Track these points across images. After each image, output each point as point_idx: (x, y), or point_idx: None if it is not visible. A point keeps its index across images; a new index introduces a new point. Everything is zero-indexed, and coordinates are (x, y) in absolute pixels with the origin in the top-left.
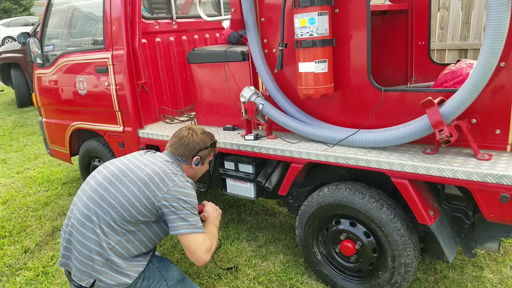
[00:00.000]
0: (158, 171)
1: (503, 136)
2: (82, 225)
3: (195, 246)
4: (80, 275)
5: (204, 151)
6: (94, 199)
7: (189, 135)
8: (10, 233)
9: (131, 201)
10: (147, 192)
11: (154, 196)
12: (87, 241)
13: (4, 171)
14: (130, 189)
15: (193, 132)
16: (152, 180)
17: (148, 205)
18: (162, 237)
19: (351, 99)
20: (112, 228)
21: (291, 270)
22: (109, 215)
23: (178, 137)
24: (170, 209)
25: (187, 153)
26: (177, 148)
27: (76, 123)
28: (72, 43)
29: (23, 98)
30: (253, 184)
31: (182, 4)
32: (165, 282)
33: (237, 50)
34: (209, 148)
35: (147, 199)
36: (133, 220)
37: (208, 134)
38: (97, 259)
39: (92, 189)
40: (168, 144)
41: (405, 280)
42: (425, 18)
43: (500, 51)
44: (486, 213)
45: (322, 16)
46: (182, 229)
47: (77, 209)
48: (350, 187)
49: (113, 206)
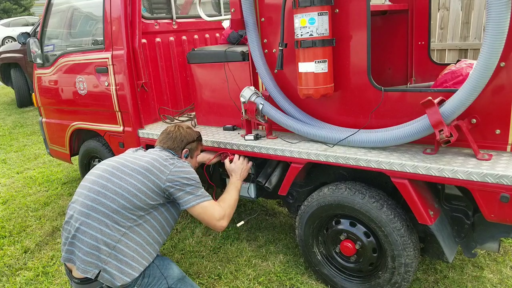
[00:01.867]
0: (157, 158)
1: (503, 136)
2: (87, 216)
3: (208, 216)
4: (85, 267)
5: (192, 144)
6: (97, 190)
7: (175, 129)
8: (10, 233)
9: (138, 187)
10: (151, 176)
11: (159, 179)
12: (93, 231)
13: (4, 171)
14: (134, 177)
15: (179, 127)
16: (153, 165)
17: (155, 188)
18: (172, 225)
19: (351, 99)
20: (122, 215)
21: (291, 270)
22: (116, 202)
23: (165, 133)
24: (176, 187)
25: (176, 146)
26: (166, 142)
27: (76, 123)
28: (72, 43)
29: (23, 98)
30: (253, 184)
31: (182, 4)
32: (165, 280)
33: (237, 50)
34: (196, 141)
35: (152, 182)
36: (143, 204)
37: (193, 129)
38: (103, 248)
39: (93, 182)
40: (157, 141)
41: (405, 280)
42: (425, 18)
43: (500, 51)
44: (486, 213)
45: (322, 16)
46: (191, 202)
47: (78, 204)
48: (350, 187)
49: (119, 194)
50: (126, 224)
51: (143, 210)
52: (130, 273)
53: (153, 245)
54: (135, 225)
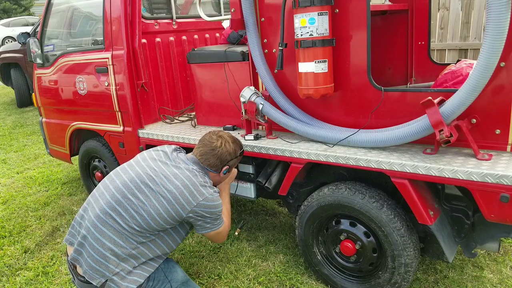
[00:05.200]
0: (188, 184)
1: (503, 136)
2: (103, 224)
3: (218, 239)
4: (92, 273)
5: (234, 160)
6: (120, 200)
7: (222, 145)
8: (10, 233)
9: (159, 212)
10: (176, 205)
11: (183, 209)
12: (105, 239)
13: (4, 171)
14: (159, 200)
15: (225, 142)
16: (181, 193)
17: (176, 216)
18: (179, 242)
19: (351, 99)
20: (137, 232)
21: (291, 270)
22: (134, 220)
23: (209, 147)
24: (197, 218)
25: (218, 164)
26: (208, 159)
27: (76, 123)
28: (72, 43)
29: (23, 98)
30: (253, 184)
31: (182, 4)
32: (169, 284)
33: (237, 50)
34: (239, 156)
35: (175, 211)
36: (158, 227)
37: (237, 142)
38: (112, 259)
39: (117, 189)
40: (196, 150)
41: (405, 280)
42: (425, 18)
43: (500, 51)
44: (486, 213)
45: (322, 16)
46: (208, 229)
47: (98, 205)
48: (350, 187)
49: (139, 214)
50: (139, 240)
51: (158, 230)
52: (136, 280)
53: (161, 256)
54: (148, 241)
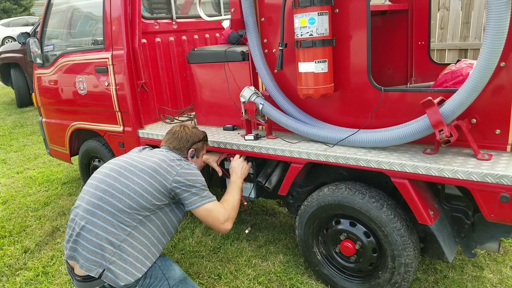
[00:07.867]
0: (164, 159)
1: (503, 136)
2: (93, 214)
3: (212, 219)
4: (89, 265)
5: (198, 144)
6: (104, 189)
7: (181, 129)
8: (10, 233)
9: (144, 187)
10: (158, 177)
11: (165, 180)
12: (99, 230)
13: (4, 171)
14: (141, 177)
15: (184, 127)
16: (160, 166)
17: (162, 189)
18: (176, 226)
19: (351, 99)
20: (127, 215)
21: (291, 270)
22: (123, 202)
23: (171, 133)
24: (182, 188)
25: (181, 146)
26: (171, 143)
27: (76, 123)
28: (72, 43)
29: (23, 98)
30: (253, 184)
31: (182, 4)
32: (166, 281)
33: (237, 50)
34: (202, 141)
35: (159, 183)
36: (148, 204)
37: (198, 129)
38: (108, 247)
39: (100, 180)
40: (163, 141)
41: (405, 280)
42: (425, 18)
43: (500, 51)
44: (486, 213)
45: (322, 16)
46: (197, 203)
47: (84, 201)
48: (350, 187)
49: (125, 194)
50: (131, 224)
51: (149, 210)
52: (134, 273)
53: (157, 245)
54: (140, 225)
